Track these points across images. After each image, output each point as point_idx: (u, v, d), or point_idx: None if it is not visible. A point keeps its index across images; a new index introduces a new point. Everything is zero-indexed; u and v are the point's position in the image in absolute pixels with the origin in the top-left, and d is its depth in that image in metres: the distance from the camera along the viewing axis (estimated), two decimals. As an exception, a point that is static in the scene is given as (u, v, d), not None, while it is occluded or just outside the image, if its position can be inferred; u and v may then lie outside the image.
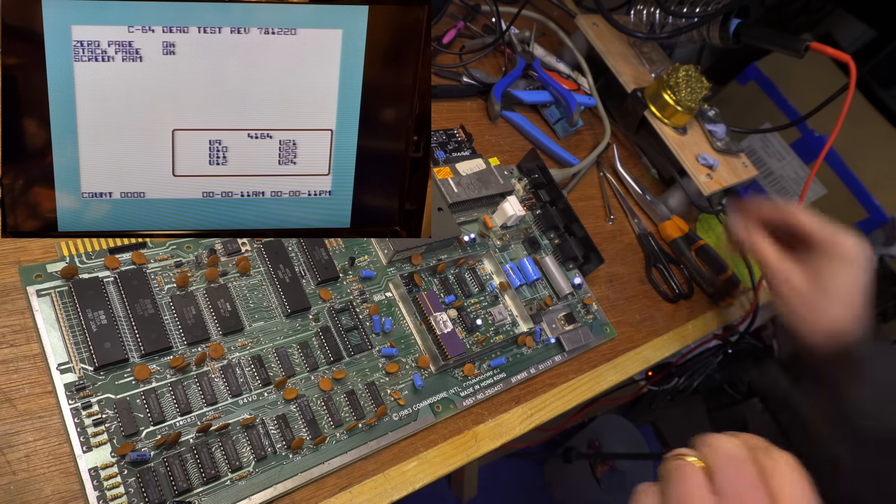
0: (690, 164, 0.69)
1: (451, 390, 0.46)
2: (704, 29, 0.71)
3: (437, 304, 0.47)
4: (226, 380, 0.39)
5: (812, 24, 0.97)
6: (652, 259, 0.68)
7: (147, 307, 0.39)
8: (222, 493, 0.36)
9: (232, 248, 0.43)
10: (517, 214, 0.55)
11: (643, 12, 0.74)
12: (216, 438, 0.37)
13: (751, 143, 0.92)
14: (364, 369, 0.44)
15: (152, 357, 0.38)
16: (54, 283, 0.37)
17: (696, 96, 0.69)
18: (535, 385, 0.51)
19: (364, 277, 0.47)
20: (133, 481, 0.34)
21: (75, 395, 0.35)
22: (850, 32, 0.93)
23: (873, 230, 0.84)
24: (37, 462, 0.33)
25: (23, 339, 0.35)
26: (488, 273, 0.54)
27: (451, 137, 0.60)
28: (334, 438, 0.40)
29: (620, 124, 0.76)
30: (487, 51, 0.69)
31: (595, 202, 0.70)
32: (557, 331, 0.54)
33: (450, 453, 0.44)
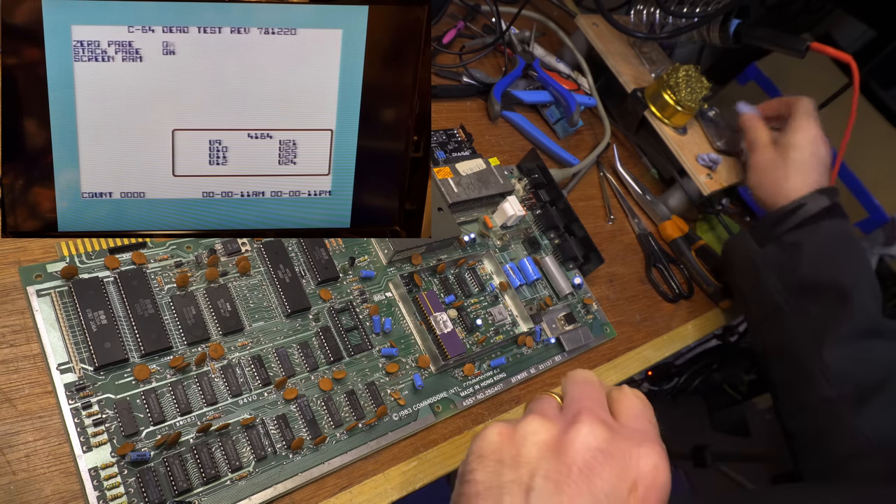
0: (690, 164, 0.69)
1: (451, 390, 0.46)
2: (704, 29, 0.71)
3: (437, 304, 0.47)
4: (226, 380, 0.39)
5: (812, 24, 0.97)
6: (652, 259, 0.68)
7: (147, 307, 0.39)
8: (222, 493, 0.36)
9: (232, 248, 0.43)
10: (517, 214, 0.55)
11: (643, 12, 0.74)
12: (216, 438, 0.37)
13: (751, 143, 0.92)
14: (364, 369, 0.44)
15: (152, 357, 0.38)
16: (54, 283, 0.37)
17: (696, 96, 0.69)
18: (535, 385, 0.51)
19: (364, 277, 0.47)
20: (133, 481, 0.34)
21: (75, 395, 0.35)
22: (850, 32, 0.93)
23: (873, 230, 0.84)
24: (37, 462, 0.33)
25: (23, 339, 0.35)
26: (488, 273, 0.54)
27: (451, 137, 0.60)
28: (334, 438, 0.40)
29: (620, 124, 0.76)
30: (487, 51, 0.69)
31: (595, 202, 0.70)
32: (557, 331, 0.54)
33: (450, 453, 0.44)
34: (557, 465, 0.28)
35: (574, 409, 0.30)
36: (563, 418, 0.30)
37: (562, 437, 0.29)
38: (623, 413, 0.31)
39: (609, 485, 0.27)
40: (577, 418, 0.30)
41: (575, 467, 0.28)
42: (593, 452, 0.28)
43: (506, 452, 0.29)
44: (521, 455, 0.29)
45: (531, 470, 0.28)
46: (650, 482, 0.28)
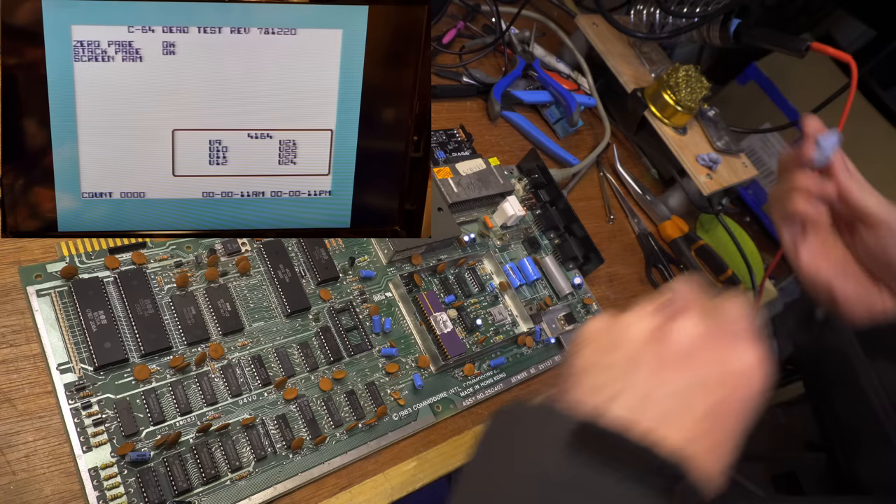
0: (690, 164, 0.69)
1: (451, 390, 0.46)
2: (704, 29, 0.71)
3: (437, 304, 0.47)
4: (226, 380, 0.39)
5: (812, 24, 0.97)
6: (652, 259, 0.68)
7: (147, 307, 0.38)
8: (222, 493, 0.36)
9: (232, 248, 0.43)
10: (517, 214, 0.55)
11: (643, 12, 0.74)
12: (216, 438, 0.37)
13: (751, 143, 0.92)
14: (364, 369, 0.44)
15: (152, 357, 0.38)
16: (54, 283, 0.37)
17: (696, 96, 0.69)
18: (535, 385, 0.51)
19: (364, 277, 0.47)
20: (133, 481, 0.34)
21: (75, 395, 0.35)
22: (850, 32, 0.93)
23: (873, 230, 0.84)
24: (37, 462, 0.33)
25: (23, 339, 0.35)
26: (488, 273, 0.54)
27: (451, 137, 0.60)
28: (334, 438, 0.40)
29: (620, 124, 0.76)
30: (487, 51, 0.69)
31: (595, 202, 0.70)
32: (557, 331, 0.54)
33: (450, 453, 0.44)
34: (658, 349, 0.30)
35: (678, 305, 0.32)
36: (665, 312, 0.32)
37: (664, 327, 0.31)
38: (725, 314, 0.32)
39: (703, 374, 0.29)
40: (680, 312, 0.31)
41: (675, 353, 0.29)
42: (693, 342, 0.30)
43: (610, 336, 0.32)
44: (624, 339, 0.31)
45: (634, 351, 0.30)
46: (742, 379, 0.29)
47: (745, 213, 0.86)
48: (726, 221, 0.75)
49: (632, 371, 0.29)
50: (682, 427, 0.27)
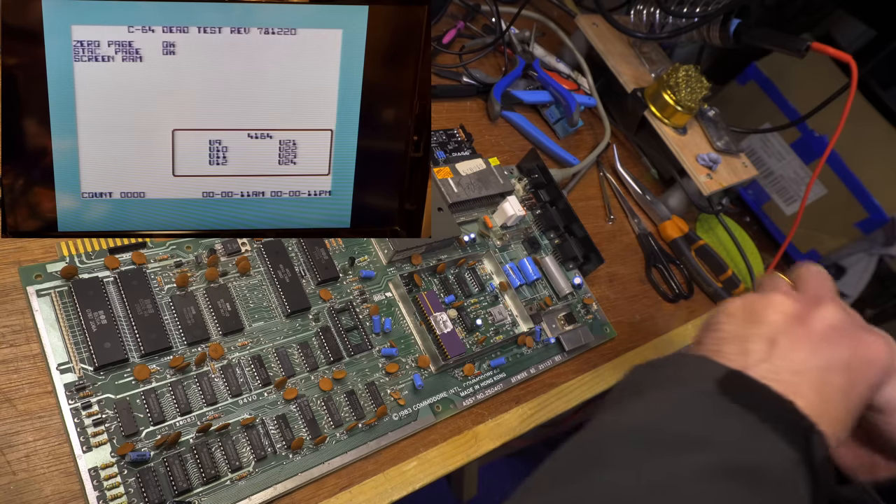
0: (690, 164, 0.69)
1: (451, 390, 0.46)
2: (704, 29, 0.71)
3: (437, 304, 0.47)
4: (226, 380, 0.39)
5: (812, 24, 0.97)
6: (652, 259, 0.68)
7: (147, 307, 0.39)
8: (222, 493, 0.36)
9: (232, 248, 0.43)
10: (517, 214, 0.55)
11: (643, 12, 0.74)
12: (216, 438, 0.37)
13: (751, 144, 0.92)
14: (364, 369, 0.44)
15: (152, 357, 0.38)
16: (54, 283, 0.37)
17: (696, 96, 0.69)
18: (535, 385, 0.51)
19: (364, 277, 0.47)
20: (133, 481, 0.34)
21: (75, 395, 0.35)
22: (850, 32, 0.93)
23: (873, 230, 0.84)
24: (37, 462, 0.33)
25: (23, 339, 0.35)
26: (488, 273, 0.54)
27: (451, 137, 0.60)
28: (334, 438, 0.40)
29: (620, 124, 0.76)
30: (487, 51, 0.69)
31: (595, 202, 0.70)
32: (557, 331, 0.54)
33: (450, 453, 0.44)
34: (798, 330, 0.33)
35: (818, 294, 0.35)
36: (805, 299, 0.35)
37: (805, 312, 0.33)
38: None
39: (837, 358, 0.32)
40: (820, 301, 0.34)
41: (814, 335, 0.33)
42: (832, 328, 0.33)
43: (753, 313, 0.34)
44: (766, 317, 0.34)
45: (774, 329, 0.33)
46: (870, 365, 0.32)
47: (745, 213, 0.86)
48: (726, 221, 0.75)
49: (776, 343, 0.32)
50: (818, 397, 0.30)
